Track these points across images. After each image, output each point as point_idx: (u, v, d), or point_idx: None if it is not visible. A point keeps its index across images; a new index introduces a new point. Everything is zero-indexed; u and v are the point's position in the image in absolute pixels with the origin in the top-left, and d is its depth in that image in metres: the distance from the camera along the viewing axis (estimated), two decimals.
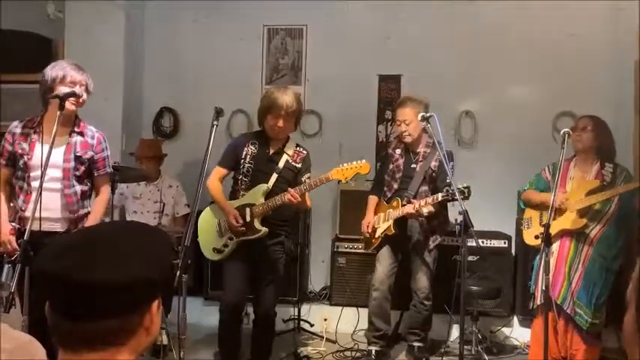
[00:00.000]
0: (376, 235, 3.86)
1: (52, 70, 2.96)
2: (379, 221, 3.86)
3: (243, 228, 3.32)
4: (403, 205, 3.74)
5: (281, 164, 3.42)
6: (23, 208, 2.96)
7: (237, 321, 3.45)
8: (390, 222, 3.77)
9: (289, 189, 3.27)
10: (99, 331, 0.97)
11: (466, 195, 3.39)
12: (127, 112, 5.06)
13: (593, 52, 4.76)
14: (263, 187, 3.37)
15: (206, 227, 3.47)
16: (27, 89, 4.03)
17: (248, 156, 3.41)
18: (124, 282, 0.96)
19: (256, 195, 3.37)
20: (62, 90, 2.90)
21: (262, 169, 3.40)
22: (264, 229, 3.33)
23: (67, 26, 4.95)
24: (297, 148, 3.50)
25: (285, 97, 3.32)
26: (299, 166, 3.46)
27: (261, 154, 3.43)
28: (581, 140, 3.55)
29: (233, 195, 3.47)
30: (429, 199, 3.54)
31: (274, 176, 3.39)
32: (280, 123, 3.33)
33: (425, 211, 3.61)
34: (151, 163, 4.52)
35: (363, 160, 3.28)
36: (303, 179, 3.41)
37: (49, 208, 2.90)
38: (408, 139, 3.83)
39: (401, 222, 3.79)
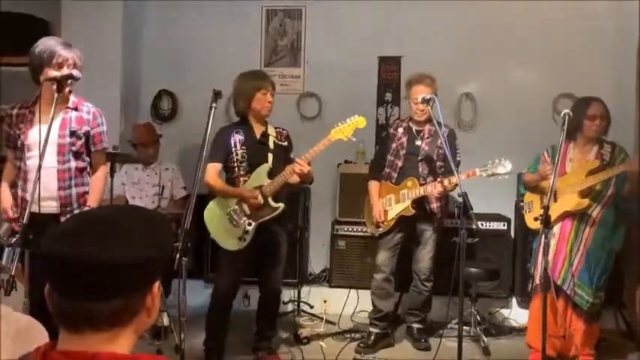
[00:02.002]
0: (389, 218, 3.82)
1: (39, 50, 2.92)
2: (390, 203, 3.83)
3: (262, 201, 3.36)
4: (422, 185, 3.72)
5: (271, 144, 3.51)
6: (23, 189, 2.97)
7: (228, 307, 3.53)
8: (408, 202, 3.74)
9: (296, 159, 3.37)
10: (103, 312, 0.97)
11: (508, 170, 3.39)
12: (125, 95, 5.03)
13: (594, 33, 4.72)
14: (265, 167, 3.44)
15: (217, 222, 3.45)
16: (24, 72, 4.02)
17: (238, 144, 3.45)
18: (128, 262, 0.97)
19: (260, 176, 3.43)
20: (52, 72, 2.87)
21: (256, 153, 3.47)
22: (281, 205, 3.41)
23: (64, 8, 4.89)
24: (278, 129, 3.62)
25: (268, 75, 3.57)
26: (285, 144, 3.60)
27: (250, 139, 3.49)
28: (599, 130, 3.52)
29: (232, 184, 3.48)
30: (463, 175, 3.41)
31: (270, 156, 3.47)
32: (269, 97, 3.47)
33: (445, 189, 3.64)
34: (147, 148, 4.49)
35: (357, 115, 3.41)
36: (292, 156, 3.54)
37: (48, 187, 2.92)
38: (423, 117, 3.80)
39: (419, 202, 3.76)
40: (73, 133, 3.01)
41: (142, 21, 5.26)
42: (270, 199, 3.40)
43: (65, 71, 2.90)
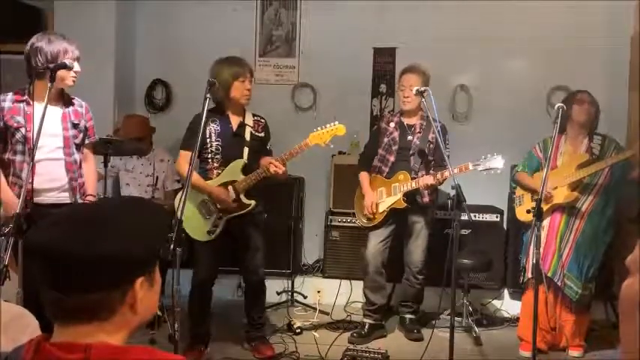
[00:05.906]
0: (380, 210, 3.83)
1: (50, 45, 2.88)
2: (382, 196, 3.83)
3: (235, 203, 3.35)
4: (413, 178, 3.74)
5: (247, 137, 3.46)
6: (30, 181, 2.93)
7: (208, 294, 3.54)
8: (399, 195, 3.75)
9: (271, 160, 3.33)
10: (79, 305, 0.97)
11: (500, 166, 3.43)
12: (119, 84, 4.99)
13: (589, 27, 4.71)
14: (240, 163, 3.40)
15: (187, 213, 3.31)
16: (17, 59, 4.00)
17: (213, 134, 3.40)
18: (99, 257, 0.95)
19: (234, 171, 3.39)
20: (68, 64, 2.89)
21: (231, 146, 3.42)
22: (253, 202, 3.39)
23: None
24: (255, 118, 3.55)
25: (245, 62, 3.45)
26: (262, 135, 3.54)
27: (225, 130, 3.43)
28: (588, 113, 3.55)
29: (206, 175, 3.43)
30: (455, 170, 3.42)
31: (246, 150, 3.43)
32: (248, 85, 3.40)
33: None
34: (142, 141, 4.33)
35: (336, 122, 3.39)
36: (268, 147, 3.54)
37: (55, 178, 2.96)
38: (408, 106, 3.82)
39: (410, 195, 3.77)
40: (75, 126, 3.07)
41: (136, 10, 5.22)
42: (242, 196, 3.37)
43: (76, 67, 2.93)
